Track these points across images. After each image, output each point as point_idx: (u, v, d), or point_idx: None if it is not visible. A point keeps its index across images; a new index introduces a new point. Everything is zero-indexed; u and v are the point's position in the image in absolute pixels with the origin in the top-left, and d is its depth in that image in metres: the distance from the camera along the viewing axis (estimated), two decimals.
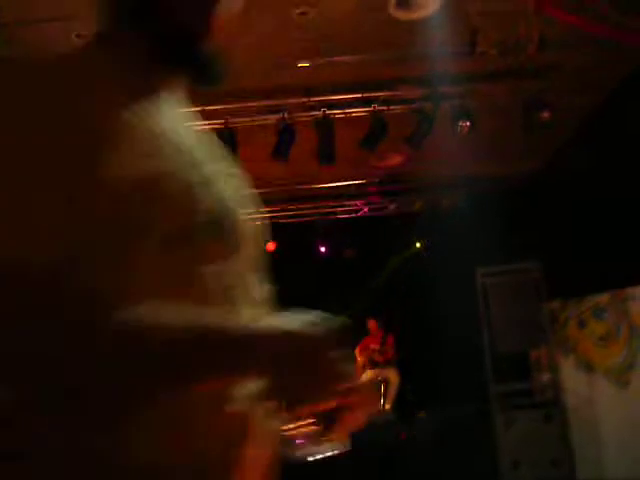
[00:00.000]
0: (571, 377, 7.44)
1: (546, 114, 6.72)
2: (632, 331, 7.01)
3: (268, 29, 5.68)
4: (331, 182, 9.53)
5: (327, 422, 1.27)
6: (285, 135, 6.93)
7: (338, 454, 1.39)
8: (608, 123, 7.50)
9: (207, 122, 6.97)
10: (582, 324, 7.40)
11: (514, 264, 7.65)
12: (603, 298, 7.26)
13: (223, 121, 6.90)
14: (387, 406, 9.31)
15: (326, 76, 6.58)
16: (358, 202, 10.43)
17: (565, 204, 8.45)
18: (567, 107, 7.27)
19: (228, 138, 6.93)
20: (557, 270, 7.59)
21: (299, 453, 1.38)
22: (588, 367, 7.33)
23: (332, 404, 1.20)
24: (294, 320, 1.13)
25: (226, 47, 1.34)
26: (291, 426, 1.26)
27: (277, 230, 11.31)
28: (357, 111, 6.95)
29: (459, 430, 8.03)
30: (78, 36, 5.55)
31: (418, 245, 11.33)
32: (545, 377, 7.51)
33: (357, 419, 1.26)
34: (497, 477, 7.09)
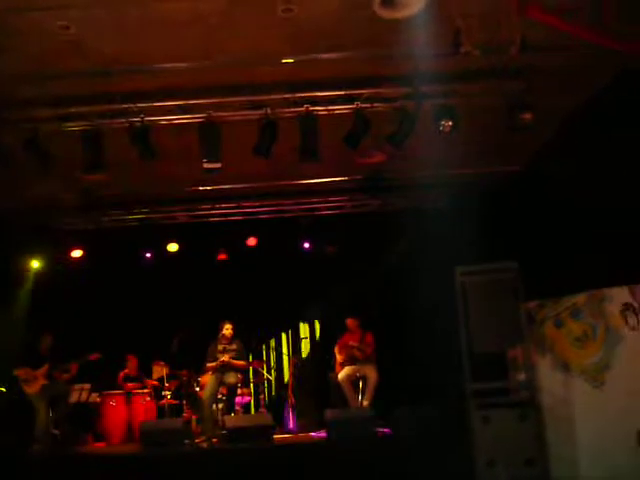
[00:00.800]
0: (547, 377, 7.49)
1: (528, 115, 6.77)
2: (608, 332, 7.07)
3: (252, 25, 5.68)
4: (313, 178, 9.54)
5: None
6: (267, 131, 6.92)
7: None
8: (588, 125, 7.57)
9: (189, 116, 6.97)
10: (559, 324, 7.46)
11: (493, 263, 7.68)
12: (580, 298, 7.32)
13: (206, 115, 6.89)
14: (365, 403, 9.35)
15: (309, 73, 6.58)
16: (341, 199, 10.44)
17: (544, 205, 8.52)
18: (548, 109, 7.33)
19: (210, 132, 6.92)
20: (535, 270, 7.65)
21: None
22: (564, 367, 7.38)
23: None
24: None
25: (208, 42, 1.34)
26: None
27: (259, 225, 11.40)
28: (340, 108, 6.96)
29: (435, 428, 8.08)
30: (64, 27, 5.52)
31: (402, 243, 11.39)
32: (521, 376, 7.55)
33: None
34: (472, 475, 7.12)
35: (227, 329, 9.58)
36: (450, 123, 6.80)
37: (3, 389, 9.38)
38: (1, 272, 10.30)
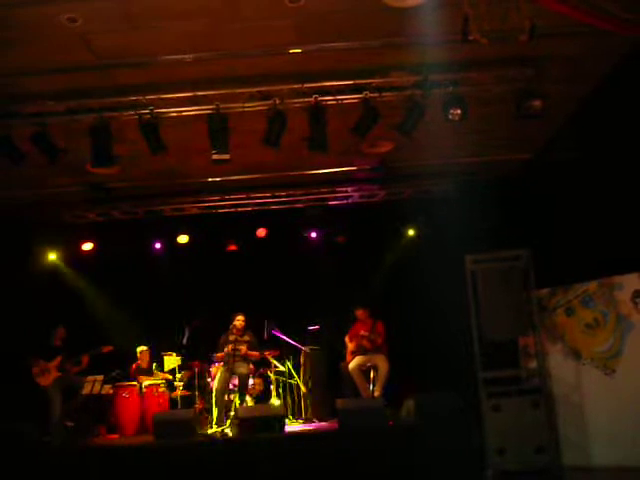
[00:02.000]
0: (558, 364, 7.51)
1: (537, 103, 6.74)
2: (619, 319, 7.07)
3: (260, 15, 5.67)
4: (322, 169, 9.53)
5: None
6: (276, 121, 6.92)
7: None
8: (599, 113, 7.53)
9: (198, 107, 6.97)
10: (570, 312, 7.46)
11: (503, 251, 7.68)
12: (591, 286, 7.32)
13: (214, 106, 6.89)
14: (376, 392, 9.36)
15: (317, 63, 6.57)
16: (349, 189, 10.43)
17: (554, 193, 8.50)
18: (558, 96, 7.29)
19: (219, 124, 6.92)
20: (546, 258, 7.64)
21: None
22: (575, 354, 7.39)
23: None
24: None
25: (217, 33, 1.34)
26: None
27: (268, 216, 11.38)
28: (349, 98, 6.94)
29: (447, 417, 8.09)
30: (71, 20, 5.53)
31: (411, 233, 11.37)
32: (533, 364, 7.57)
33: None
34: (483, 463, 7.15)
35: (239, 320, 9.61)
36: (459, 111, 6.78)
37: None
38: (15, 266, 10.36)
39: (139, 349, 10.61)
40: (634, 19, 5.13)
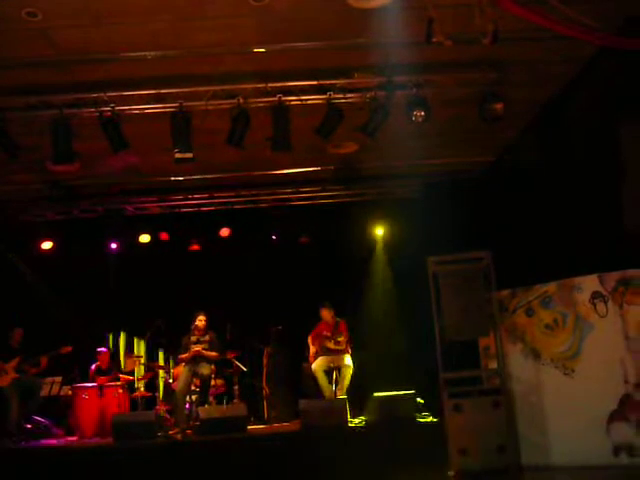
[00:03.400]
0: (519, 365, 7.57)
1: (499, 106, 6.81)
2: (578, 320, 7.16)
3: (224, 13, 5.64)
4: (286, 169, 9.51)
5: None
6: (240, 121, 6.88)
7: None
8: (560, 117, 7.63)
9: (161, 105, 6.90)
10: (530, 313, 7.53)
11: (465, 253, 7.73)
12: (550, 287, 7.40)
13: (177, 104, 6.83)
14: (339, 393, 9.36)
15: (282, 62, 6.55)
16: (314, 189, 10.43)
17: (516, 195, 8.59)
18: (521, 100, 7.38)
19: (182, 122, 6.86)
20: (507, 259, 7.71)
21: None
22: (535, 355, 7.47)
23: None
24: None
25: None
26: None
27: (232, 216, 11.29)
28: (313, 98, 6.93)
29: (408, 416, 8.14)
30: (31, 14, 5.43)
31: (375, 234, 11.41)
32: (493, 364, 7.62)
33: None
34: (445, 464, 7.18)
35: (200, 320, 9.54)
36: (422, 113, 6.82)
37: None
38: None
39: (99, 350, 10.48)
40: (603, 28, 5.22)
